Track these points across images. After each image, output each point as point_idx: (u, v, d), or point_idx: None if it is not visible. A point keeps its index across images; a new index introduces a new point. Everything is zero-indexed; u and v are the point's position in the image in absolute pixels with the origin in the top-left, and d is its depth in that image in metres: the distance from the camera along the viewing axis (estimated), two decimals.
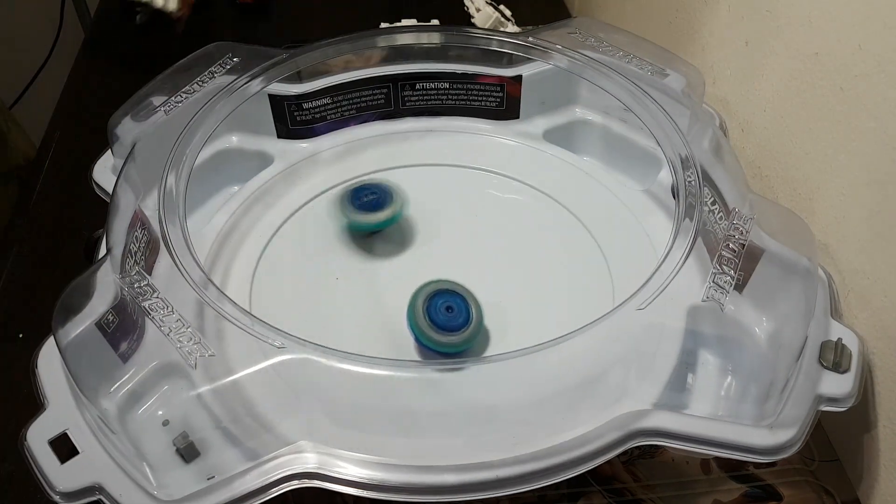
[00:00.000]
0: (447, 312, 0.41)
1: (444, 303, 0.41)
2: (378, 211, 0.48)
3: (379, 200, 0.49)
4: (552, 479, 0.35)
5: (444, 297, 0.42)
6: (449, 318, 0.41)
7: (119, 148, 0.49)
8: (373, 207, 0.48)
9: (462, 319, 0.41)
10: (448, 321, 0.41)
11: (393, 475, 0.35)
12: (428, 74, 0.58)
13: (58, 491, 0.34)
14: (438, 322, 0.41)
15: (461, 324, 0.41)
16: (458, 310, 0.41)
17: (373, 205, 0.48)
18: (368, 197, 0.49)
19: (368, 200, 0.49)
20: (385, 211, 0.48)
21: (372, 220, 0.49)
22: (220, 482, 0.34)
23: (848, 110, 0.44)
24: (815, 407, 0.38)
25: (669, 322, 0.39)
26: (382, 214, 0.48)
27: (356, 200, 0.49)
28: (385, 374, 0.36)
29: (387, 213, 0.48)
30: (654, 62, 0.53)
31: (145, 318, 0.37)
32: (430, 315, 0.41)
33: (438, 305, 0.41)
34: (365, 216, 0.48)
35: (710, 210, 0.42)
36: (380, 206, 0.49)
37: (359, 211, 0.48)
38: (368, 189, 0.49)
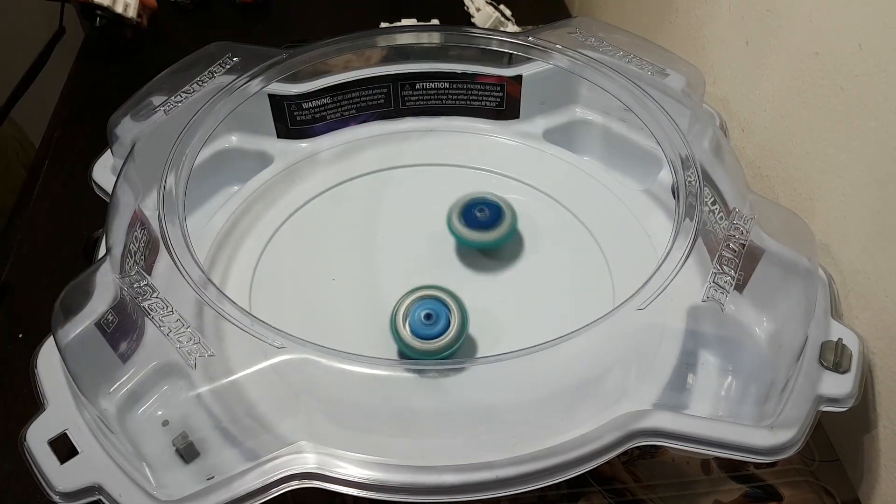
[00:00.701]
0: (426, 320, 0.41)
1: (424, 310, 0.41)
2: (490, 230, 0.48)
3: (492, 218, 0.48)
4: (552, 480, 0.35)
5: (426, 305, 0.41)
6: (427, 325, 0.40)
7: (119, 148, 0.49)
8: (485, 225, 0.48)
9: (441, 326, 0.41)
10: (426, 329, 0.40)
11: (393, 475, 0.34)
12: (428, 74, 0.58)
13: (57, 491, 0.35)
14: (417, 331, 0.40)
15: (440, 331, 0.40)
16: (436, 317, 0.41)
17: (485, 223, 0.48)
18: (481, 213, 0.48)
19: (481, 217, 0.48)
20: (498, 230, 0.48)
21: (484, 239, 0.48)
22: (219, 482, 0.34)
23: (848, 110, 0.44)
24: (816, 407, 0.38)
25: (669, 322, 0.39)
26: (495, 234, 0.48)
27: (468, 216, 0.48)
28: (385, 375, 0.36)
29: (499, 231, 0.48)
30: (654, 62, 0.53)
31: (145, 318, 0.37)
32: (410, 324, 0.41)
33: (418, 313, 0.41)
34: (477, 234, 0.48)
35: (710, 210, 0.42)
36: (492, 225, 0.48)
37: (470, 228, 0.48)
38: (481, 205, 0.49)
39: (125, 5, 0.76)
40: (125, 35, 0.79)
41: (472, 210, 0.48)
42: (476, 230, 0.48)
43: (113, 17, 0.76)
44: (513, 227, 0.48)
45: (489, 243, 0.48)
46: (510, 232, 0.48)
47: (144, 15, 0.79)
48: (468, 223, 0.48)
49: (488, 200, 0.49)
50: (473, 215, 0.48)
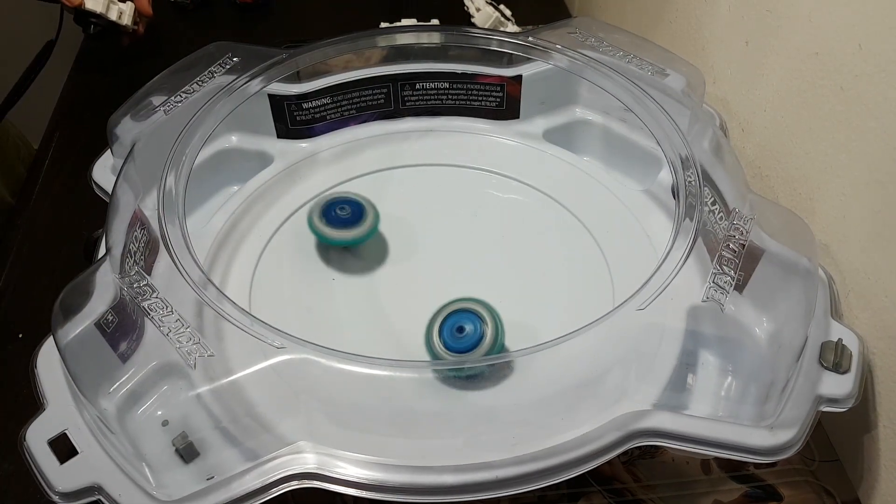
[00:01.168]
0: (458, 334, 0.40)
1: (457, 323, 0.41)
2: (352, 227, 0.48)
3: (353, 216, 0.48)
4: (552, 480, 0.35)
5: (459, 317, 0.41)
6: (459, 339, 0.40)
7: (119, 148, 0.49)
8: (346, 223, 0.48)
9: (474, 340, 0.40)
10: (458, 343, 0.40)
11: (392, 475, 0.34)
12: (428, 74, 0.58)
13: (57, 491, 0.34)
14: (449, 344, 0.40)
15: (472, 344, 0.40)
16: (469, 330, 0.40)
17: (346, 221, 0.48)
18: (342, 212, 0.48)
19: (342, 216, 0.48)
20: (360, 227, 0.48)
21: (345, 237, 0.48)
22: (219, 482, 0.34)
23: (848, 110, 0.44)
24: (816, 407, 0.38)
25: (669, 322, 0.39)
26: (357, 231, 0.48)
27: (329, 215, 0.48)
28: (384, 375, 0.36)
29: (361, 229, 0.48)
30: (654, 62, 0.53)
31: (145, 318, 0.37)
32: (443, 336, 0.41)
33: (451, 326, 0.41)
34: (338, 232, 0.48)
35: (710, 210, 0.42)
36: (354, 223, 0.48)
37: (331, 226, 0.48)
38: (341, 203, 0.49)
39: (119, 13, 0.75)
40: (121, 43, 0.79)
41: (332, 209, 0.48)
42: (337, 228, 0.48)
43: (108, 24, 0.75)
44: (374, 226, 0.49)
45: (350, 241, 0.48)
46: (371, 230, 0.49)
47: (141, 23, 0.79)
48: (329, 222, 0.48)
49: (349, 199, 0.49)
50: (334, 214, 0.48)
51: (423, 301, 0.47)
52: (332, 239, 0.48)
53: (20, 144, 0.84)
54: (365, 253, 0.50)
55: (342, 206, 0.48)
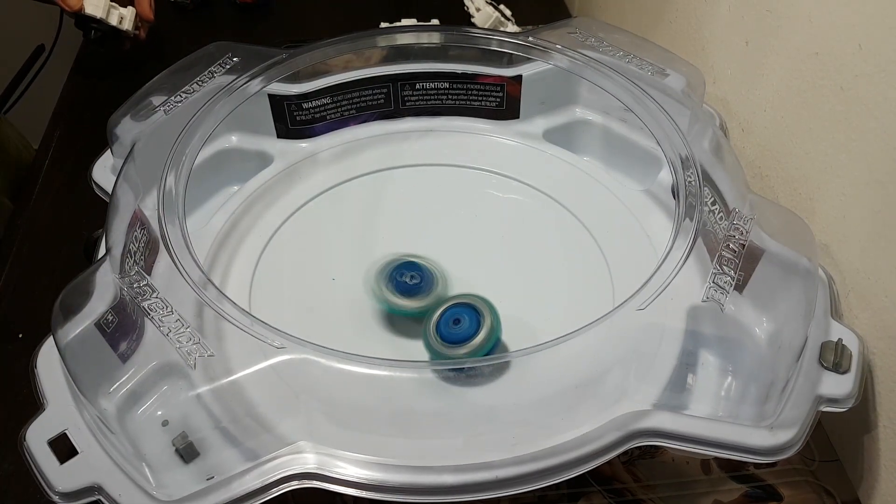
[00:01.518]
0: (453, 325, 0.40)
1: (454, 315, 0.41)
2: (419, 296, 0.44)
3: (421, 284, 0.44)
4: (552, 480, 0.35)
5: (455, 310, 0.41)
6: (454, 331, 0.40)
7: (119, 148, 0.49)
8: (414, 291, 0.44)
9: (469, 331, 0.40)
10: (452, 333, 0.40)
11: (392, 476, 0.34)
12: (428, 74, 0.58)
13: (57, 491, 0.34)
14: (444, 334, 0.40)
15: (468, 335, 0.40)
16: (465, 322, 0.40)
17: (414, 288, 0.44)
18: (411, 279, 0.44)
19: (411, 283, 0.44)
20: (428, 297, 0.44)
21: (413, 307, 0.43)
22: (219, 482, 0.34)
23: (848, 110, 0.44)
24: (816, 407, 0.38)
25: (669, 322, 0.39)
26: (425, 301, 0.43)
27: (395, 280, 0.44)
28: (384, 375, 0.36)
29: (430, 299, 0.44)
30: (654, 62, 0.53)
31: (144, 318, 0.37)
32: (439, 327, 0.41)
33: (448, 318, 0.41)
34: (405, 301, 0.43)
35: (710, 210, 0.42)
36: (421, 291, 0.44)
37: (398, 294, 0.43)
38: (409, 269, 0.44)
39: (120, 18, 0.75)
40: (123, 47, 0.78)
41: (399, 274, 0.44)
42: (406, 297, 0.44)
43: (109, 29, 0.75)
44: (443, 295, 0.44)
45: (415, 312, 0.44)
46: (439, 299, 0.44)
47: (142, 28, 0.78)
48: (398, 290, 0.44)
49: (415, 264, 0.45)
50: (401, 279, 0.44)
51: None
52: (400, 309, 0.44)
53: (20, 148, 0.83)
54: (365, 253, 0.50)
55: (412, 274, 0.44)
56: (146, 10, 0.76)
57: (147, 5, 0.76)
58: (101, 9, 0.73)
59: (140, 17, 0.77)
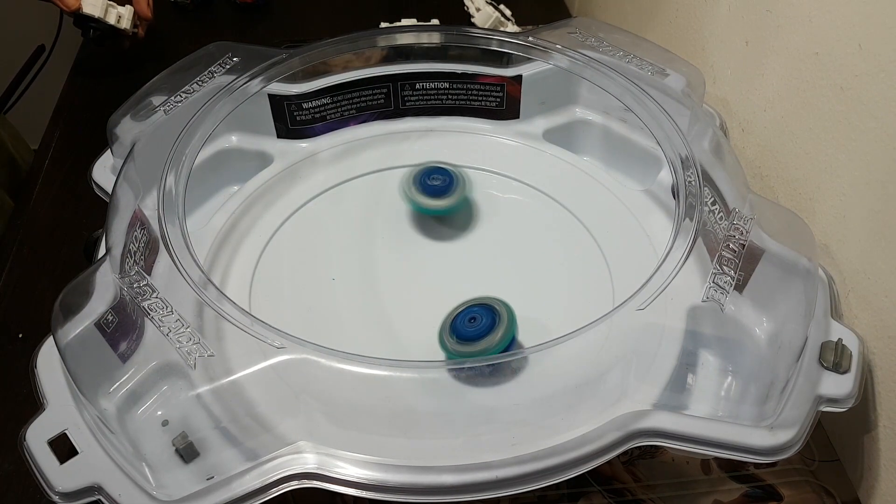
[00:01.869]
0: (469, 323, 0.41)
1: (470, 314, 0.41)
2: (444, 197, 0.50)
3: (445, 185, 0.50)
4: (552, 480, 0.35)
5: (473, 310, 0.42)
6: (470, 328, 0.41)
7: (119, 148, 0.49)
8: (439, 193, 0.50)
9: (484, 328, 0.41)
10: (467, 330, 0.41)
11: (392, 475, 0.34)
12: (428, 74, 0.58)
13: (57, 491, 0.34)
14: (460, 332, 0.41)
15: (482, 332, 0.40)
16: (481, 320, 0.41)
17: (439, 190, 0.50)
18: (435, 181, 0.50)
19: (435, 185, 0.50)
20: (450, 197, 0.50)
21: (438, 206, 0.50)
22: (219, 482, 0.34)
23: (848, 110, 0.44)
24: (815, 407, 0.38)
25: (669, 322, 0.39)
26: (447, 201, 0.50)
27: (423, 183, 0.50)
28: (384, 375, 0.36)
29: (451, 199, 0.50)
30: (654, 62, 0.53)
31: (144, 318, 0.37)
32: (455, 326, 0.41)
33: (464, 317, 0.41)
34: (432, 201, 0.50)
35: (710, 210, 0.42)
36: (445, 192, 0.50)
37: (425, 195, 0.50)
38: (436, 173, 0.51)
39: (118, 17, 0.75)
40: (122, 46, 0.78)
41: (425, 178, 0.51)
42: (431, 197, 0.50)
43: (107, 28, 0.75)
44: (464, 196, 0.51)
45: (442, 210, 0.51)
46: (462, 200, 0.51)
47: (141, 26, 0.78)
48: (424, 191, 0.50)
49: (442, 169, 0.52)
50: (427, 183, 0.50)
51: (422, 301, 0.47)
52: (426, 208, 0.51)
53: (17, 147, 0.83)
54: (364, 253, 0.50)
55: (435, 176, 0.51)
56: (144, 8, 0.76)
57: (145, 4, 0.76)
58: (98, 8, 0.73)
59: (138, 15, 0.77)
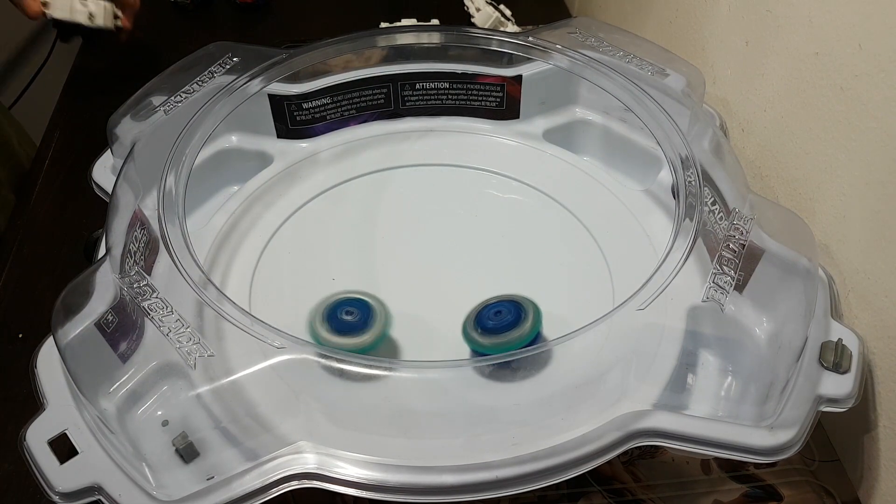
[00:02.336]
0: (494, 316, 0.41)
1: (497, 308, 0.41)
2: (358, 334, 0.40)
3: (360, 321, 0.41)
4: (552, 480, 0.35)
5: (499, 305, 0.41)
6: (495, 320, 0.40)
7: (119, 148, 0.49)
8: (352, 329, 0.40)
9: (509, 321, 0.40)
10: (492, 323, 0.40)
11: (392, 476, 0.34)
12: (428, 74, 0.58)
13: (57, 491, 0.34)
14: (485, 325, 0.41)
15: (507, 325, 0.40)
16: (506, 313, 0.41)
17: (352, 326, 0.40)
18: (348, 316, 0.41)
19: (348, 321, 0.41)
20: (366, 335, 0.40)
21: (350, 345, 0.40)
22: (219, 482, 0.34)
23: (848, 110, 0.44)
24: (816, 407, 0.38)
25: (669, 322, 0.39)
26: (363, 339, 0.40)
27: (333, 319, 0.41)
28: (384, 375, 0.36)
29: (368, 336, 0.40)
30: (654, 62, 0.53)
31: (145, 318, 0.37)
32: (480, 318, 0.41)
33: (490, 311, 0.41)
34: (342, 339, 0.40)
35: (710, 210, 0.42)
36: (360, 329, 0.41)
37: (336, 333, 0.40)
38: (347, 305, 0.41)
39: (89, 16, 0.69)
40: (120, 40, 0.75)
41: (336, 313, 0.41)
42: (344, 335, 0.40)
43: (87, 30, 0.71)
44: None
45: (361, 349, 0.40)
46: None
47: (125, 17, 0.73)
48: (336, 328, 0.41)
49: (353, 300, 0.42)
50: (339, 318, 0.41)
51: (422, 301, 0.47)
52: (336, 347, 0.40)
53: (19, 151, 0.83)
54: (364, 253, 0.50)
55: (348, 310, 0.41)
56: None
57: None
58: (64, 10, 0.68)
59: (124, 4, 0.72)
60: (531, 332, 0.40)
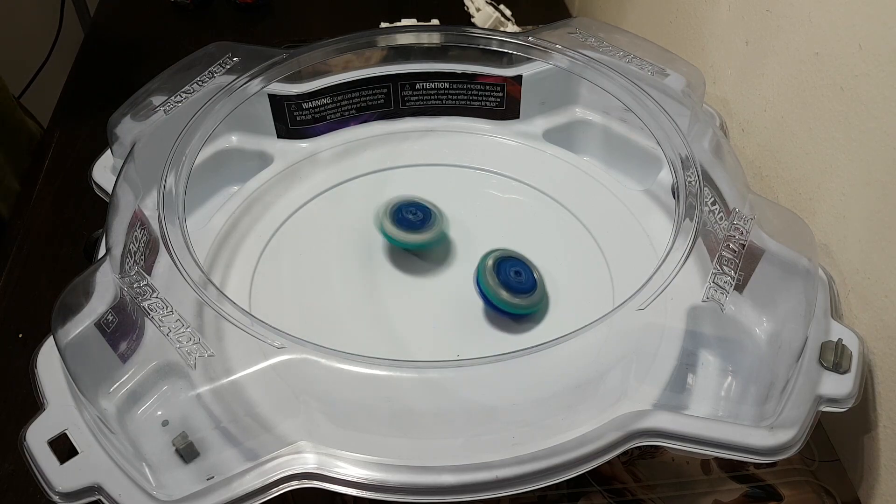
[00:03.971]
0: (516, 277, 0.44)
1: (513, 267, 0.44)
2: (420, 231, 0.48)
3: (422, 221, 0.48)
4: (552, 480, 0.35)
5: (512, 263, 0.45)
6: (518, 282, 0.44)
7: (119, 148, 0.49)
8: (415, 227, 0.48)
9: (529, 284, 0.44)
10: (518, 285, 0.44)
11: (392, 475, 0.35)
12: (428, 74, 0.58)
13: (57, 491, 0.34)
14: (509, 284, 0.44)
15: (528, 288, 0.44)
16: (525, 275, 0.45)
17: (415, 224, 0.48)
18: (412, 215, 0.48)
19: (412, 219, 0.48)
20: (427, 233, 0.48)
21: (413, 240, 0.48)
22: (219, 482, 0.34)
23: (848, 110, 0.44)
24: (816, 407, 0.38)
25: (669, 322, 0.39)
26: (424, 236, 0.48)
27: (398, 216, 0.48)
28: (384, 375, 0.36)
29: (428, 235, 0.48)
30: (654, 62, 0.53)
31: (145, 318, 0.37)
32: (500, 277, 0.44)
33: (508, 270, 0.44)
34: (407, 235, 0.48)
35: (710, 210, 0.42)
36: (422, 227, 0.48)
37: (400, 228, 0.48)
38: (412, 207, 0.49)
39: None
40: None
41: (401, 212, 0.48)
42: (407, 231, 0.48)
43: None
44: (442, 231, 0.49)
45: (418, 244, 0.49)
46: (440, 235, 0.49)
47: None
48: (399, 224, 0.48)
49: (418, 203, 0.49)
50: (404, 217, 0.48)
51: (422, 301, 0.47)
52: (403, 242, 0.48)
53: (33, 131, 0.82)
54: (364, 253, 0.50)
55: (413, 211, 0.49)
56: None
57: None
58: None
59: None
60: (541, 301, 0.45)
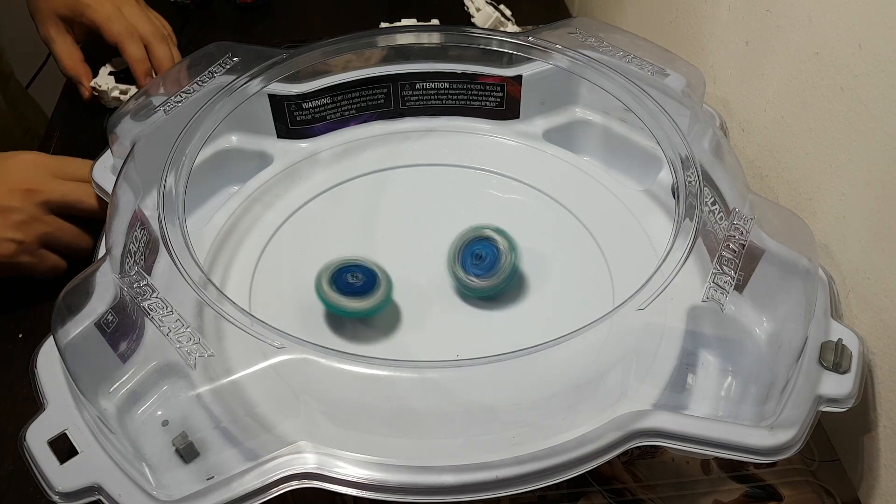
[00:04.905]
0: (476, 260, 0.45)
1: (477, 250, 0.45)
2: (364, 297, 0.43)
3: (365, 285, 0.44)
4: (552, 480, 0.35)
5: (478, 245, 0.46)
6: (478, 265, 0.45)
7: (119, 148, 0.49)
8: (358, 292, 0.43)
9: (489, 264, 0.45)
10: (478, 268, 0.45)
11: (392, 475, 0.35)
12: (428, 74, 0.58)
13: (57, 491, 0.35)
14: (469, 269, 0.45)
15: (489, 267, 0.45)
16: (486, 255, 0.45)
17: (358, 289, 0.43)
18: (354, 280, 0.43)
19: (354, 284, 0.43)
20: (372, 297, 0.43)
21: (357, 308, 0.43)
22: (219, 482, 0.34)
23: (848, 110, 0.44)
24: (816, 407, 0.38)
25: (669, 322, 0.39)
26: (368, 302, 0.43)
27: (340, 282, 0.43)
28: (384, 375, 0.36)
29: (374, 300, 0.43)
30: (654, 62, 0.53)
31: (145, 318, 0.37)
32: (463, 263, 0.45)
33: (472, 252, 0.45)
34: (350, 301, 0.43)
35: (710, 210, 0.42)
36: (366, 292, 0.43)
37: (343, 295, 0.43)
38: (353, 270, 0.44)
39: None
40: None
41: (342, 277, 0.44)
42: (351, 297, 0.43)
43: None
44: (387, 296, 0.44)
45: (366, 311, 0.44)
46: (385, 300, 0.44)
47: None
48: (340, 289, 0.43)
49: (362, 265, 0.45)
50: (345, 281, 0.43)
51: (422, 300, 0.47)
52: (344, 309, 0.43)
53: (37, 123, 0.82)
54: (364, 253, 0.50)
55: (354, 274, 0.44)
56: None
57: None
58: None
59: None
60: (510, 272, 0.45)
